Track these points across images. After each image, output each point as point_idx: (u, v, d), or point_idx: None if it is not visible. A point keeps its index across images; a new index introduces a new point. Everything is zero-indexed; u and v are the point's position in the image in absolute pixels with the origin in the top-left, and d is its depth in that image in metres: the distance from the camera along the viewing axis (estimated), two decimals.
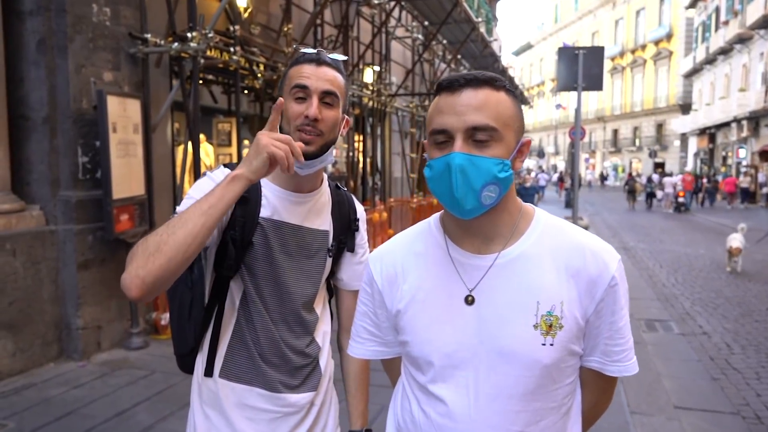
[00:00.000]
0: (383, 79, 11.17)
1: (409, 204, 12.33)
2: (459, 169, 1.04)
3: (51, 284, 4.64)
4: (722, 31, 30.27)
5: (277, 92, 1.48)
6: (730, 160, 30.42)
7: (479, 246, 1.14)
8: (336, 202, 1.58)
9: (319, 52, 1.44)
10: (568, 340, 1.10)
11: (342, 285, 1.64)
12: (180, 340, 1.52)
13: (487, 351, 1.10)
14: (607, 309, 1.12)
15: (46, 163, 4.72)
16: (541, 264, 1.12)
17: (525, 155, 1.13)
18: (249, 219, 1.42)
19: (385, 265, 1.24)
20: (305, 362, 1.51)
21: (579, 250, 1.13)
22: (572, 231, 1.17)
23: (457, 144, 1.05)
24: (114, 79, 5.04)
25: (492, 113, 1.06)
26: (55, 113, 4.70)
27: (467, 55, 16.78)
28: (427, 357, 1.15)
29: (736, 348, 5.53)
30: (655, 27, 43.16)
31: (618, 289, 1.12)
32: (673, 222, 18.87)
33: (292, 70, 1.43)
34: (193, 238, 1.18)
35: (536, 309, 1.09)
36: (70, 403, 3.91)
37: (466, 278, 1.13)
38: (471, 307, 1.12)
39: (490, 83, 1.08)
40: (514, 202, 1.16)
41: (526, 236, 1.14)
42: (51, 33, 4.63)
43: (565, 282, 1.11)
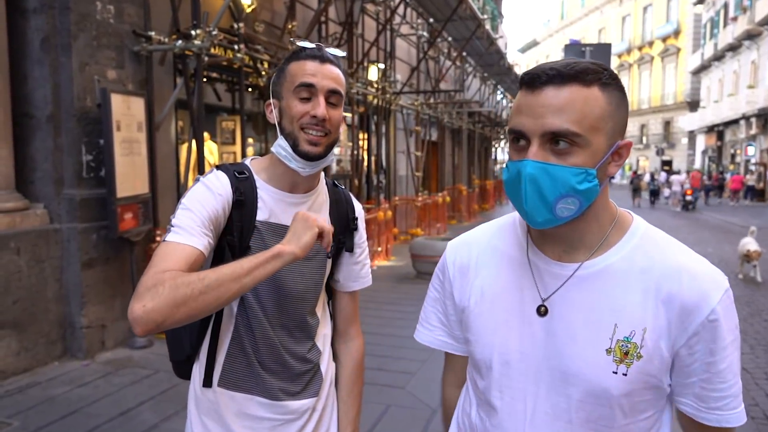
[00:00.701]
0: (388, 76, 11.16)
1: (414, 202, 12.32)
2: (530, 178, 0.93)
3: (55, 283, 4.66)
4: (731, 27, 30.10)
5: (272, 87, 1.43)
6: (739, 157, 30.26)
7: (561, 253, 1.04)
8: (334, 200, 1.54)
9: (320, 47, 1.40)
10: (647, 373, 0.98)
11: (338, 286, 1.58)
12: (175, 347, 1.48)
13: (551, 368, 1.01)
14: (704, 347, 0.97)
15: (50, 161, 4.74)
16: (628, 282, 0.99)
17: (624, 158, 0.99)
18: (246, 223, 1.38)
19: (460, 255, 1.18)
20: (306, 368, 1.47)
21: (676, 272, 0.98)
22: (673, 248, 1.03)
23: (532, 150, 0.94)
24: (118, 77, 5.06)
25: (576, 116, 0.92)
26: (59, 111, 4.71)
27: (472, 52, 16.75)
28: (487, 361, 1.08)
29: (744, 348, 5.50)
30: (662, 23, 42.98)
31: (719, 325, 0.96)
32: (680, 220, 18.80)
33: (294, 66, 1.37)
34: (220, 304, 1.16)
35: (612, 332, 0.98)
36: (74, 402, 3.93)
37: (541, 286, 1.04)
38: (542, 318, 1.03)
39: (578, 78, 0.93)
40: (606, 208, 1.03)
41: (616, 248, 1.02)
42: (55, 31, 4.64)
43: (652, 307, 0.97)
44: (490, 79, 21.40)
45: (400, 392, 4.00)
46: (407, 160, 13.12)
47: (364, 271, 1.60)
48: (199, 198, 1.31)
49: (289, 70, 1.38)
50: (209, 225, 1.30)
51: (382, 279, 8.21)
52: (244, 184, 1.38)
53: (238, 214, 1.37)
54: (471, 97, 18.71)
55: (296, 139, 1.35)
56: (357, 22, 10.01)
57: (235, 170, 1.41)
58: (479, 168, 22.10)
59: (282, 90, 1.38)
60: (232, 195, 1.36)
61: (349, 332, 1.61)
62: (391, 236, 10.36)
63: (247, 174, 1.41)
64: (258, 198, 1.39)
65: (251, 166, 1.44)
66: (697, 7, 37.88)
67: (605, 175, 0.98)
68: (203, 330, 1.44)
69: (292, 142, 1.36)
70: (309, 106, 1.34)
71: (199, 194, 1.32)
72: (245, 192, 1.37)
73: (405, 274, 8.50)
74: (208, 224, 1.29)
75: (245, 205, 1.37)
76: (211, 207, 1.31)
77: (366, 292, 1.65)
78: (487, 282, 1.11)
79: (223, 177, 1.38)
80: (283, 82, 1.39)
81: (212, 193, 1.33)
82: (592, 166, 0.94)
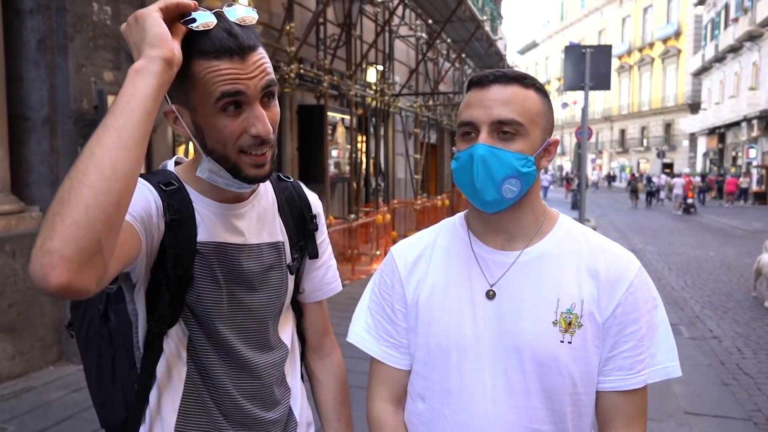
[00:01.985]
0: (386, 78, 11.18)
1: (413, 205, 12.33)
2: (481, 159, 1.08)
3: None
4: (732, 28, 30.21)
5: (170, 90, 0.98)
6: (741, 160, 30.34)
7: (502, 243, 1.17)
8: (283, 200, 1.26)
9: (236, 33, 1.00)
10: (587, 339, 1.12)
11: (303, 298, 1.34)
12: (106, 410, 1.18)
13: (505, 346, 1.12)
14: (626, 317, 1.12)
15: (46, 163, 4.74)
16: (563, 264, 1.15)
17: (552, 155, 1.17)
18: (185, 249, 1.08)
19: (409, 257, 1.25)
20: (278, 414, 1.23)
21: (600, 252, 1.16)
22: (594, 236, 1.21)
23: (482, 136, 1.09)
24: (115, 78, 5.06)
25: (518, 108, 1.09)
26: (55, 113, 4.71)
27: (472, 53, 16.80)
28: (443, 347, 1.16)
29: (747, 352, 5.51)
30: (663, 25, 43.15)
31: (638, 296, 1.13)
32: (681, 223, 18.83)
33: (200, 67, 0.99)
34: (111, 166, 0.81)
35: (556, 306, 1.12)
36: (70, 406, 3.92)
37: (487, 273, 1.16)
38: (491, 302, 1.14)
39: (519, 80, 1.12)
40: (538, 202, 1.19)
41: (549, 237, 1.18)
42: (51, 32, 4.65)
43: (585, 281, 1.13)
44: None
45: None
46: (406, 162, 13.14)
47: (329, 275, 1.35)
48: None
49: (193, 73, 0.99)
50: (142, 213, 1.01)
51: None
52: (175, 199, 1.08)
53: (173, 237, 1.07)
54: None
55: (235, 164, 1.05)
56: (355, 23, 10.04)
57: (159, 181, 1.09)
58: None
59: (190, 99, 1.02)
60: (163, 214, 1.06)
61: (323, 346, 1.39)
62: (390, 240, 10.36)
63: (177, 185, 1.10)
64: (195, 214, 1.10)
65: (178, 174, 1.14)
66: (697, 8, 38.04)
67: (539, 167, 1.13)
68: (144, 385, 1.14)
69: (229, 167, 1.06)
70: (242, 121, 1.02)
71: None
72: (179, 209, 1.08)
73: None
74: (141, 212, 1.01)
75: (182, 225, 1.08)
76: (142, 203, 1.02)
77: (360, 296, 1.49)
78: (437, 277, 1.21)
79: (147, 192, 1.05)
80: (188, 88, 1.01)
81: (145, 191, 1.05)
82: (531, 153, 1.10)
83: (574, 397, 1.12)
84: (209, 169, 1.08)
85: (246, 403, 1.17)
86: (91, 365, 1.18)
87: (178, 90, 1.02)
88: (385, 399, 1.25)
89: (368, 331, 1.25)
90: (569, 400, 1.12)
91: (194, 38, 0.99)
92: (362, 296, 1.31)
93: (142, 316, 1.11)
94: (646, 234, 15.75)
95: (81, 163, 0.81)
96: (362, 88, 10.00)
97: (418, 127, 13.78)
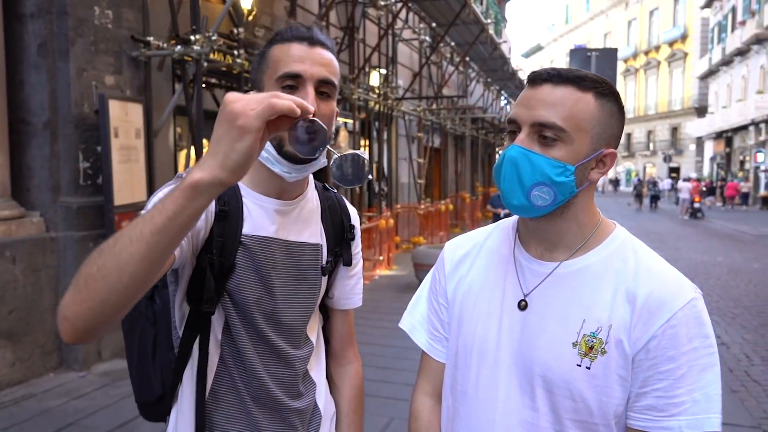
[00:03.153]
0: (390, 82, 11.20)
1: (417, 210, 12.33)
2: (511, 161, 1.03)
3: (51, 293, 4.67)
4: (739, 31, 30.18)
5: (252, 75, 1.22)
6: (748, 164, 30.26)
7: (543, 251, 1.12)
8: (326, 207, 1.36)
9: (310, 28, 1.20)
10: (610, 369, 1.02)
11: (332, 303, 1.42)
12: (143, 387, 1.27)
13: (523, 359, 1.08)
14: (662, 353, 1.00)
15: (46, 168, 4.76)
16: (601, 283, 1.06)
17: (608, 167, 1.08)
18: (230, 238, 1.18)
19: (457, 254, 1.26)
20: (303, 404, 1.30)
21: (645, 275, 1.05)
22: (647, 256, 1.09)
23: (520, 137, 1.04)
24: (116, 83, 5.08)
25: (564, 112, 1.02)
26: (56, 118, 4.74)
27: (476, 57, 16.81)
28: (468, 348, 1.15)
29: (756, 359, 5.48)
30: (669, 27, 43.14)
31: (679, 332, 1.00)
32: (689, 228, 18.77)
33: (277, 50, 1.18)
34: (130, 276, 0.83)
35: (580, 327, 1.04)
36: (70, 414, 3.92)
37: (522, 282, 1.12)
38: (521, 312, 1.11)
39: (575, 82, 1.03)
40: (588, 213, 1.11)
41: (594, 251, 1.09)
42: (52, 36, 4.68)
43: (620, 304, 1.03)
44: (493, 85, 21.46)
45: (403, 405, 3.99)
46: (409, 167, 13.15)
47: (357, 288, 1.44)
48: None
49: (271, 55, 1.18)
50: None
51: (384, 288, 8.20)
52: (226, 192, 1.17)
53: (220, 227, 1.18)
54: (474, 103, 18.76)
55: (280, 139, 1.17)
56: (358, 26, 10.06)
57: None
58: (483, 175, 22.11)
59: (263, 78, 1.18)
60: (214, 204, 1.17)
61: (346, 355, 1.46)
62: (392, 245, 10.36)
63: None
64: (243, 207, 1.21)
65: None
66: (704, 11, 38.00)
67: (586, 178, 1.06)
68: (180, 366, 1.23)
69: (276, 142, 1.17)
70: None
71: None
72: (229, 201, 1.19)
73: (407, 284, 8.49)
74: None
75: (229, 216, 1.18)
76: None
77: (367, 302, 1.56)
78: (477, 277, 1.20)
79: None
80: (265, 69, 1.19)
81: None
82: (572, 162, 1.03)
83: (588, 426, 1.05)
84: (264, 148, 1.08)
85: (274, 388, 1.24)
86: (134, 345, 1.27)
87: (256, 73, 1.20)
88: (427, 392, 1.28)
89: (421, 322, 1.29)
90: (581, 427, 1.05)
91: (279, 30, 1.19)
92: (422, 285, 1.34)
93: (183, 298, 1.20)
94: (652, 239, 15.70)
95: (108, 257, 0.85)
96: (365, 92, 10.02)
97: (422, 131, 13.79)
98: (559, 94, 1.03)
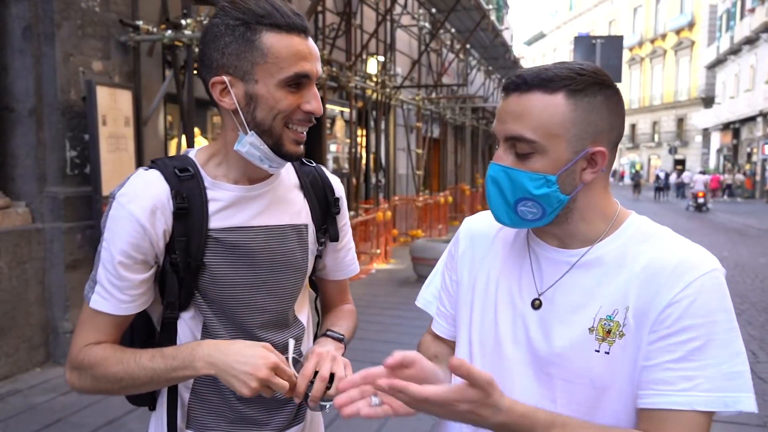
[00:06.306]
0: (388, 70, 11.17)
1: (415, 202, 12.33)
2: (492, 180, 1.05)
3: (38, 285, 4.66)
4: (748, 19, 30.15)
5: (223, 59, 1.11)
6: (756, 156, 30.33)
7: (559, 245, 1.12)
8: (308, 183, 1.34)
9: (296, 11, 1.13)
10: (631, 352, 1.00)
11: (323, 274, 1.44)
12: None
13: (539, 349, 1.07)
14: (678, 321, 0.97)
15: (32, 157, 4.73)
16: (617, 270, 1.04)
17: (601, 165, 1.03)
18: (194, 236, 1.16)
19: (474, 232, 1.26)
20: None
21: (664, 251, 1.03)
22: (665, 236, 1.07)
23: (498, 153, 1.05)
24: (104, 68, 5.05)
25: (532, 123, 1.00)
26: (42, 104, 4.71)
27: (477, 44, 16.78)
28: (481, 340, 1.16)
29: (762, 356, 5.51)
30: (676, 15, 43.08)
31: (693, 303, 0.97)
32: (694, 222, 18.84)
33: (273, 39, 1.09)
34: (128, 392, 1.20)
35: (596, 311, 1.03)
36: (58, 410, 3.92)
37: (537, 274, 1.12)
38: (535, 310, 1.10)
39: (542, 86, 1.00)
40: (597, 211, 1.08)
41: (608, 240, 1.07)
42: (37, 19, 4.64)
43: (636, 287, 1.01)
44: (494, 73, 21.44)
45: None
46: (408, 157, 13.13)
47: (349, 257, 1.46)
48: (119, 234, 1.12)
49: (267, 46, 1.09)
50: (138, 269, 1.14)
51: (381, 283, 8.21)
52: (187, 186, 1.16)
53: (181, 225, 1.15)
54: (475, 92, 18.74)
55: (279, 138, 1.14)
56: (356, 12, 10.02)
57: (175, 167, 1.18)
58: (483, 166, 22.13)
59: (254, 70, 1.11)
60: (170, 204, 1.14)
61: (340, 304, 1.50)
62: (390, 238, 10.36)
63: (192, 171, 1.18)
64: (208, 201, 1.18)
65: (197, 160, 1.22)
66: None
67: (578, 182, 1.03)
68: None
69: (272, 142, 1.15)
70: (299, 98, 1.13)
71: (118, 227, 1.12)
72: (189, 196, 1.15)
73: (405, 278, 8.50)
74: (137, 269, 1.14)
75: (191, 213, 1.15)
76: (135, 243, 1.12)
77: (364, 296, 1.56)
78: (493, 266, 1.19)
79: (154, 183, 1.15)
80: (258, 59, 1.10)
81: (132, 220, 1.12)
82: (552, 172, 1.01)
83: (610, 415, 1.02)
84: (251, 143, 1.14)
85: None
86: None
87: (239, 60, 1.10)
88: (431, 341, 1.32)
89: (435, 296, 1.32)
90: (602, 416, 1.02)
91: (259, 8, 1.09)
92: (440, 259, 1.35)
93: (157, 299, 1.22)
94: None
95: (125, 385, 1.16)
96: (362, 80, 9.99)
97: (420, 120, 13.76)
98: (526, 103, 1.01)
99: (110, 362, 1.14)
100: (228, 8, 1.11)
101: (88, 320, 1.18)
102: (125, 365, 1.13)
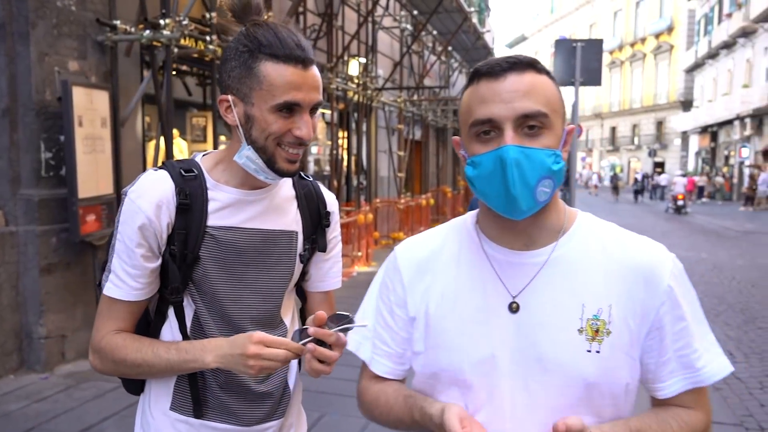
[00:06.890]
0: (369, 71, 11.18)
1: (396, 205, 12.34)
2: (515, 163, 0.99)
3: (11, 290, 4.58)
4: (725, 24, 30.71)
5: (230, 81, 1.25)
6: (733, 159, 30.88)
7: (521, 246, 1.11)
8: (302, 195, 1.44)
9: (299, 44, 1.23)
10: (617, 348, 1.05)
11: (307, 285, 1.53)
12: None
13: (526, 358, 1.06)
14: (671, 316, 1.08)
15: (5, 158, 4.66)
16: (588, 264, 1.08)
17: (569, 145, 1.09)
18: (192, 231, 1.29)
19: (414, 260, 1.20)
20: (272, 388, 1.39)
21: (630, 250, 1.10)
22: (619, 232, 1.14)
23: (508, 135, 1.00)
24: (80, 68, 4.99)
25: (542, 98, 1.02)
26: (16, 105, 4.64)
27: (458, 46, 16.87)
28: (457, 365, 1.10)
29: (739, 356, 5.61)
30: (655, 19, 43.69)
31: (677, 292, 1.08)
32: (673, 224, 19.11)
33: (269, 68, 1.21)
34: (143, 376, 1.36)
35: (581, 312, 1.05)
36: (32, 417, 3.86)
37: (505, 279, 1.09)
38: (513, 315, 1.08)
39: (533, 66, 1.04)
40: (558, 200, 1.13)
41: (568, 235, 1.11)
42: (11, 18, 4.57)
43: (614, 284, 1.07)
44: None
45: None
46: (389, 160, 13.15)
47: (334, 270, 1.53)
48: (130, 226, 1.26)
49: (263, 74, 1.21)
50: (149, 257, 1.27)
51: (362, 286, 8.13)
52: (191, 185, 1.30)
53: (182, 219, 1.29)
54: (456, 94, 18.81)
55: (272, 156, 1.26)
56: (337, 13, 10.02)
57: (181, 168, 1.32)
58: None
59: (252, 94, 1.23)
60: (174, 199, 1.28)
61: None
62: (371, 240, 10.36)
63: (196, 172, 1.32)
64: (208, 200, 1.30)
65: (202, 163, 1.35)
66: (691, 3, 38.58)
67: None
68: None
69: (266, 158, 1.26)
70: (290, 123, 1.24)
71: (130, 220, 1.26)
72: (192, 194, 1.29)
73: None
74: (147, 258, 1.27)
75: (192, 209, 1.29)
76: (145, 234, 1.26)
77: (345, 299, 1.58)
78: (447, 284, 1.15)
79: (161, 181, 1.30)
80: (255, 86, 1.23)
81: (141, 214, 1.26)
82: (557, 147, 1.04)
83: (605, 412, 1.06)
84: (247, 156, 1.27)
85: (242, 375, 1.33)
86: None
87: (240, 83, 1.24)
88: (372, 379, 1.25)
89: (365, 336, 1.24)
90: (598, 415, 1.05)
91: (264, 38, 1.22)
92: (367, 296, 1.28)
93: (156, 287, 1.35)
94: None
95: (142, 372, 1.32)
96: (344, 82, 9.99)
97: (402, 123, 13.79)
98: (528, 80, 1.02)
99: (129, 350, 1.28)
100: (241, 35, 1.26)
101: (106, 309, 1.31)
102: (143, 354, 1.27)
